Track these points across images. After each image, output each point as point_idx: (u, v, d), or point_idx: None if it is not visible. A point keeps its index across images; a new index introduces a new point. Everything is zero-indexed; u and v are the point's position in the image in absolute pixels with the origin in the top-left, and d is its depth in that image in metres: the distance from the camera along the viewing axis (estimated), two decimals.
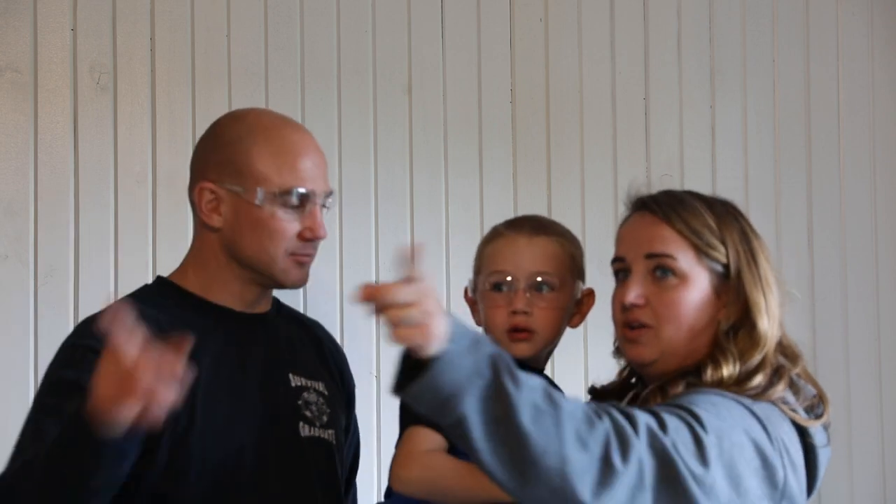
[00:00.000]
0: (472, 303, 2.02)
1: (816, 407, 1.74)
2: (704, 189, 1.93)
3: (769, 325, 1.72)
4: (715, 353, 1.71)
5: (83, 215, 2.98)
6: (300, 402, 1.97)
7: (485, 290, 1.96)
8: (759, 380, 1.68)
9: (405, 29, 3.26)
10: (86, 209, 2.98)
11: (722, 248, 1.75)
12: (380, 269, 3.19)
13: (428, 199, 3.24)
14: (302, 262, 1.97)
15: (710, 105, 3.49)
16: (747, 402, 1.65)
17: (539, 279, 1.93)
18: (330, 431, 2.02)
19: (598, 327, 2.10)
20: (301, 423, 1.97)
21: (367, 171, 3.21)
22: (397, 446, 1.87)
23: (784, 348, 1.75)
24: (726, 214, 1.78)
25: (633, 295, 1.75)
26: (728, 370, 1.68)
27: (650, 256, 1.75)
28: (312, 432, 1.98)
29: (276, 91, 3.15)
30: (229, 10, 3.12)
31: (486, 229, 2.12)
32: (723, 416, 1.59)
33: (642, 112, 3.43)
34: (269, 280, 1.98)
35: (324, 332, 2.20)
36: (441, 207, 3.25)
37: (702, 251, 1.74)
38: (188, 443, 1.87)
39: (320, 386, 2.04)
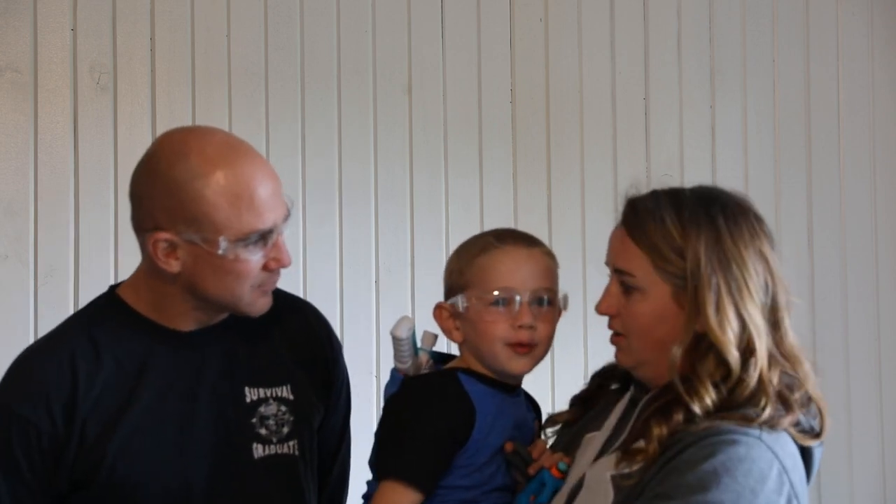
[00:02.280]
0: (451, 318, 1.92)
1: (808, 404, 1.73)
2: None
3: (721, 332, 1.67)
4: (689, 379, 1.68)
5: (83, 215, 2.98)
6: (255, 420, 1.93)
7: (481, 305, 1.88)
8: (767, 413, 1.65)
9: (405, 29, 3.26)
10: (86, 209, 2.98)
11: (679, 261, 1.72)
12: (380, 269, 3.19)
13: (428, 199, 3.24)
14: (267, 290, 1.91)
15: (710, 105, 3.49)
16: (756, 433, 1.64)
17: (542, 295, 1.89)
18: (291, 443, 1.96)
19: (599, 326, 2.09)
20: (255, 444, 1.93)
21: (367, 171, 3.21)
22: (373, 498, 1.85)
23: (783, 356, 1.73)
24: (697, 219, 1.74)
25: (604, 306, 1.80)
26: (709, 397, 1.66)
27: (616, 271, 1.78)
28: (268, 451, 1.94)
29: (276, 91, 3.15)
30: (229, 10, 3.12)
31: (487, 229, 2.07)
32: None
33: (642, 112, 3.43)
34: (233, 312, 1.91)
35: (301, 318, 2.09)
36: (441, 207, 3.25)
37: (657, 265, 1.73)
38: (126, 479, 1.85)
39: (285, 390, 1.98)
